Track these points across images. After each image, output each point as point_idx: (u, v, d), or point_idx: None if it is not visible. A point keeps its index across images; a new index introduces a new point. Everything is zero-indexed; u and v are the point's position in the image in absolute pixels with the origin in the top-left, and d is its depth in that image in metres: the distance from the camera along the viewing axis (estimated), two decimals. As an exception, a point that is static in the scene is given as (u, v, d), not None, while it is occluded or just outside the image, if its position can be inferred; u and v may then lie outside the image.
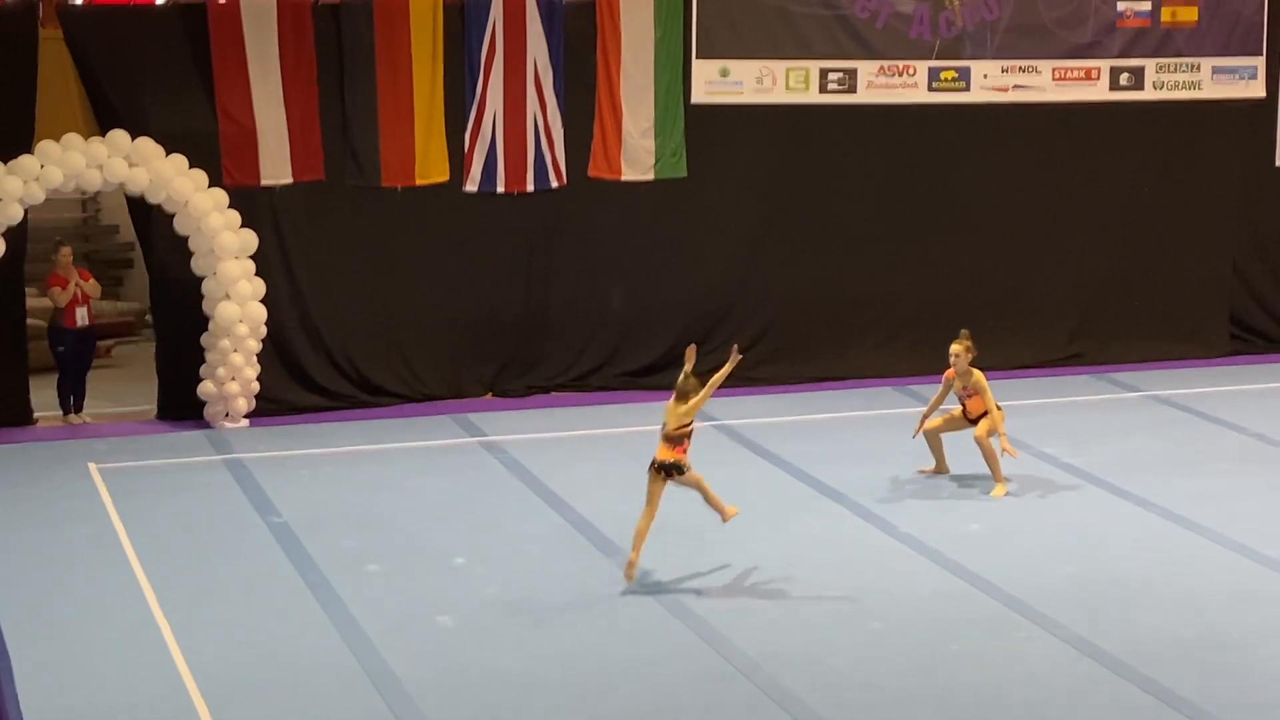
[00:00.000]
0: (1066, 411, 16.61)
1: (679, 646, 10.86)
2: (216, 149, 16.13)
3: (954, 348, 14.07)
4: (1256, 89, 18.56)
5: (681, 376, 11.88)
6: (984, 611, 11.42)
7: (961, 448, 14.51)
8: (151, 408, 16.61)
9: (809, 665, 10.55)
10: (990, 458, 14.05)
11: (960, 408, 14.24)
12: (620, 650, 10.82)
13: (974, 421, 14.11)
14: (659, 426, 11.89)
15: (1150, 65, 18.26)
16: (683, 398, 11.79)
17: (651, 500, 11.82)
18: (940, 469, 14.40)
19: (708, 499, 12.14)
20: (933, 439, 14.33)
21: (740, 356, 11.99)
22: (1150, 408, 16.88)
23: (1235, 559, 12.40)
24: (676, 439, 11.84)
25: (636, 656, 10.73)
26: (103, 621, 11.27)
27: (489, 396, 17.22)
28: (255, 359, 16.05)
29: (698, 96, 17.32)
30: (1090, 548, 12.69)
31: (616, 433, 15.98)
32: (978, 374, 14.08)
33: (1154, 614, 11.35)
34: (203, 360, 16.05)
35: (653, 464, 11.84)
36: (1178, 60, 18.29)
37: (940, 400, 14.21)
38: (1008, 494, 13.91)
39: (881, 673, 10.46)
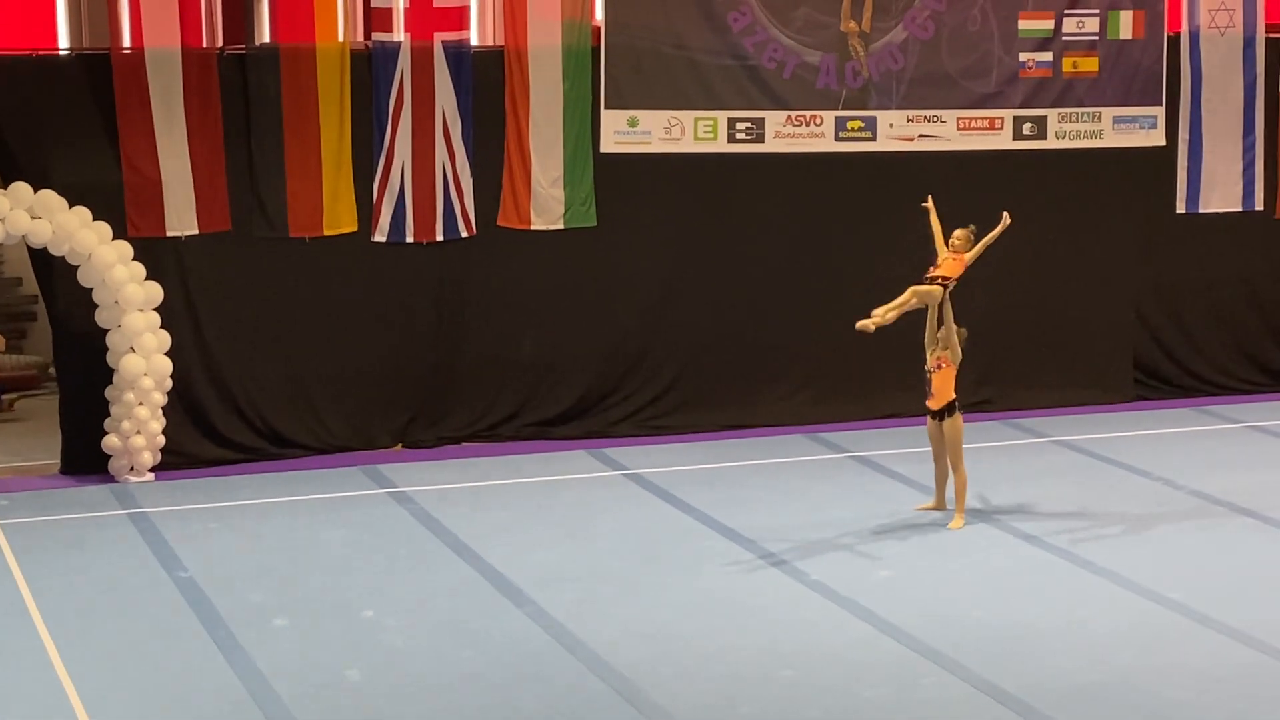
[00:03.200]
0: (973, 457, 16.64)
1: (591, 699, 10.81)
2: (121, 200, 15.98)
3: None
4: (1157, 138, 18.84)
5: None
6: (895, 657, 11.46)
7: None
8: (55, 462, 16.39)
9: (722, 715, 10.54)
10: (960, 489, 14.30)
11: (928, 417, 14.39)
12: (532, 703, 10.76)
13: (938, 415, 14.25)
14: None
15: (1053, 115, 18.50)
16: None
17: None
18: (939, 505, 14.57)
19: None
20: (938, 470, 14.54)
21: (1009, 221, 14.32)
22: (1056, 453, 17.03)
23: (1141, 602, 12.51)
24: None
25: (549, 709, 10.67)
26: (5, 679, 11.08)
27: (399, 448, 17.13)
28: (161, 412, 15.89)
29: (606, 146, 17.37)
30: (998, 593, 12.77)
31: (527, 482, 15.94)
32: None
33: (1062, 658, 11.43)
34: (107, 414, 15.87)
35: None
36: (1079, 110, 18.55)
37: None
38: (950, 529, 14.20)
39: (793, 721, 10.47)
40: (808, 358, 18.04)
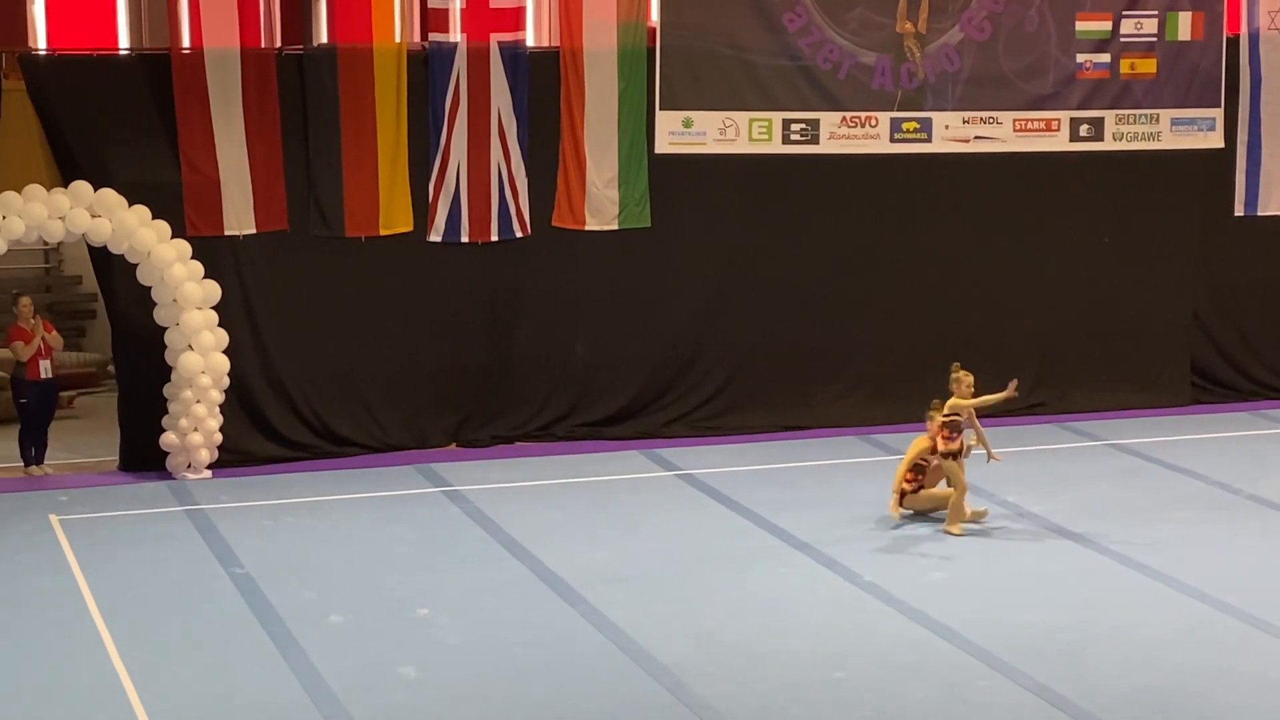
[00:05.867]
0: (1028, 460, 16.65)
1: (643, 697, 10.84)
2: (180, 199, 16.12)
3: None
4: (1215, 140, 18.73)
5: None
6: (947, 660, 11.44)
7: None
8: (113, 459, 16.54)
9: (774, 715, 10.54)
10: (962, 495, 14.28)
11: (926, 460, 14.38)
12: (584, 702, 10.80)
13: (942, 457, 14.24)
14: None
15: (1110, 116, 18.42)
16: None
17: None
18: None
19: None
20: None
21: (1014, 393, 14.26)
22: (1112, 456, 16.95)
23: (1195, 606, 12.45)
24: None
25: (601, 708, 10.70)
26: (64, 674, 11.20)
27: (453, 446, 17.20)
28: (218, 409, 16.00)
29: (661, 147, 17.39)
30: (1051, 596, 12.72)
31: (580, 482, 15.97)
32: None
33: (1114, 662, 11.39)
34: (165, 411, 16.00)
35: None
36: (1137, 112, 18.46)
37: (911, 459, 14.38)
38: (963, 534, 14.14)
39: (845, 722, 10.47)
40: (861, 359, 18.01)
